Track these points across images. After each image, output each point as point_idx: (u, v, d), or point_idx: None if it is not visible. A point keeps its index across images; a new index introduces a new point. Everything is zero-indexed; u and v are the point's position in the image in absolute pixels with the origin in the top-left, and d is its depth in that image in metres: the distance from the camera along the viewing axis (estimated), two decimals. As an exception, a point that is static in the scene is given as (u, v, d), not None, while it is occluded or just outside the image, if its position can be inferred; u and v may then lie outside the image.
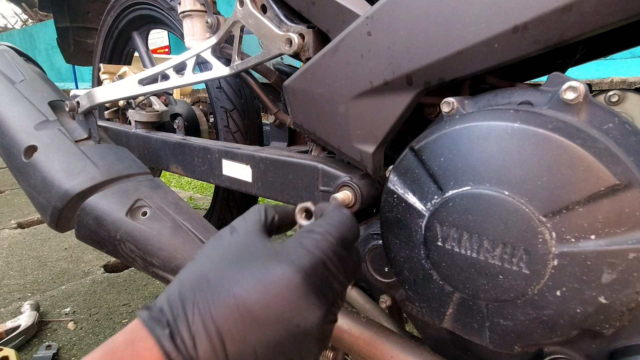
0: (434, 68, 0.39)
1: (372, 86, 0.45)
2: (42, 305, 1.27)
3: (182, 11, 0.75)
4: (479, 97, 0.40)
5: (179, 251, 0.60)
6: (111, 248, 0.64)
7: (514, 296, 0.34)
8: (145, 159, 0.96)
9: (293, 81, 0.54)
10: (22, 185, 0.73)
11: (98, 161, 0.69)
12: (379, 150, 0.48)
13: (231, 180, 0.72)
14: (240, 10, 0.58)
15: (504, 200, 0.33)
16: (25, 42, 9.05)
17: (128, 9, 1.20)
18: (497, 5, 0.34)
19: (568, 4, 0.31)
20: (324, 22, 0.51)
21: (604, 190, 0.29)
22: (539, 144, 0.31)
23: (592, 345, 0.34)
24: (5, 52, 0.88)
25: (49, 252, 1.67)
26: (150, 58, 1.25)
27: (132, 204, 0.64)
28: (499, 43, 0.35)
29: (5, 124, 0.74)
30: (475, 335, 0.38)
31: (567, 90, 0.33)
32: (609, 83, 2.29)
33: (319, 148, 0.68)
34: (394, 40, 0.41)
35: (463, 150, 0.36)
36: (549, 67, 0.52)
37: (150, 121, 1.00)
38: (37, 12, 10.64)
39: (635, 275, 0.29)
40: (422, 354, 0.45)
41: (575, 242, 0.30)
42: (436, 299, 0.40)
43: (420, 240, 0.39)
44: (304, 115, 0.55)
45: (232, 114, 1.04)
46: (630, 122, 0.33)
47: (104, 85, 0.79)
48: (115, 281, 1.44)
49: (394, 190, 0.41)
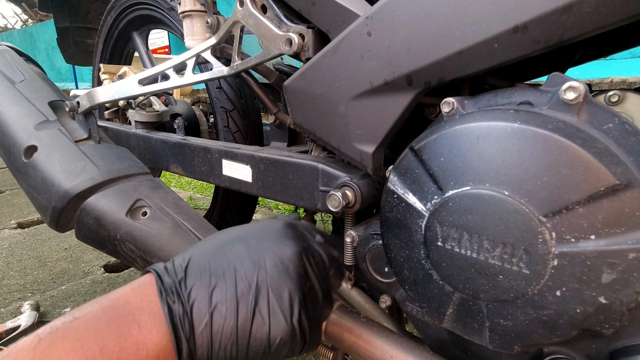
0: (434, 68, 0.39)
1: (372, 86, 0.45)
2: (42, 305, 1.27)
3: (182, 11, 0.75)
4: (479, 97, 0.40)
5: (179, 251, 0.59)
6: (111, 248, 0.64)
7: (514, 296, 0.34)
8: (145, 159, 0.96)
9: (293, 81, 0.54)
10: (22, 185, 0.73)
11: (98, 161, 0.69)
12: (379, 150, 0.48)
13: (231, 180, 0.72)
14: (240, 10, 0.58)
15: (504, 201, 0.33)
16: (25, 42, 9.05)
17: (128, 9, 1.20)
18: (497, 5, 0.34)
19: (568, 4, 0.31)
20: (324, 22, 0.51)
21: (604, 190, 0.29)
22: (539, 144, 0.31)
23: (592, 345, 0.34)
24: (5, 52, 0.88)
25: (49, 252, 1.67)
26: (150, 58, 1.25)
27: (132, 204, 0.64)
28: (499, 43, 0.35)
29: (6, 124, 0.74)
30: (475, 335, 0.38)
31: (567, 91, 0.33)
32: (609, 83, 2.29)
33: (319, 148, 0.68)
34: (394, 40, 0.41)
35: (463, 151, 0.36)
36: (549, 67, 0.52)
37: (150, 121, 1.00)
38: (37, 12, 10.64)
39: (635, 275, 0.29)
40: (422, 354, 0.45)
41: (575, 242, 0.30)
42: (436, 299, 0.40)
43: (420, 240, 0.39)
44: (304, 115, 0.55)
45: (232, 114, 1.04)
46: (630, 122, 0.33)
47: (104, 86, 0.79)
48: (115, 281, 1.44)
49: (394, 190, 0.41)
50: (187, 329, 0.30)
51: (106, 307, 0.30)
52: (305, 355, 1.08)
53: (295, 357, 1.08)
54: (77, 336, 0.27)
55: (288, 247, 0.35)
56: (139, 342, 0.28)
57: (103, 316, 0.29)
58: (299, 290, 0.34)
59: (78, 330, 0.27)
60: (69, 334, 0.27)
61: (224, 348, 0.32)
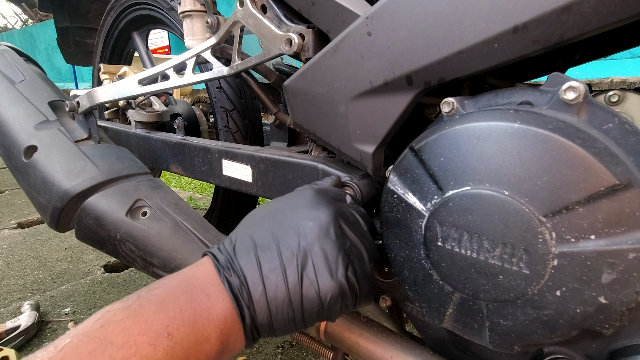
0: (434, 68, 0.39)
1: (372, 86, 0.45)
2: (42, 305, 1.27)
3: (182, 11, 0.75)
4: (479, 97, 0.40)
5: (179, 251, 0.60)
6: (111, 248, 0.64)
7: (514, 296, 0.34)
8: (145, 159, 0.96)
9: (293, 81, 0.54)
10: (22, 185, 0.73)
11: (98, 161, 0.69)
12: (379, 150, 0.48)
13: (231, 180, 0.72)
14: (240, 10, 0.58)
15: (504, 201, 0.33)
16: (25, 42, 9.05)
17: (128, 9, 1.20)
18: (497, 5, 0.34)
19: (568, 4, 0.31)
20: (324, 22, 0.51)
21: (603, 190, 0.29)
22: (539, 144, 0.31)
23: (592, 345, 0.34)
24: (5, 52, 0.88)
25: (49, 252, 1.67)
26: (150, 58, 1.25)
27: (132, 204, 0.64)
28: (499, 43, 0.35)
29: (6, 124, 0.74)
30: (475, 335, 0.38)
31: (567, 91, 0.33)
32: (609, 83, 2.29)
33: (319, 148, 0.68)
34: (394, 40, 0.41)
35: (463, 151, 0.36)
36: (549, 67, 0.52)
37: (150, 121, 1.00)
38: (37, 12, 10.64)
39: (635, 275, 0.29)
40: (422, 354, 0.45)
41: (575, 242, 0.30)
42: (436, 299, 0.40)
43: (420, 240, 0.39)
44: (304, 115, 0.55)
45: (232, 114, 1.04)
46: (630, 122, 0.33)
47: (104, 86, 0.79)
48: (115, 281, 1.44)
49: (394, 190, 0.41)
50: (246, 298, 0.34)
51: (179, 280, 0.35)
52: (305, 355, 1.08)
53: (294, 358, 1.08)
54: (160, 300, 0.32)
55: (322, 212, 0.38)
56: (209, 308, 0.33)
57: (178, 287, 0.34)
58: (340, 249, 0.37)
59: (159, 296, 0.33)
60: (154, 298, 0.32)
61: (281, 311, 0.35)
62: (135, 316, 0.30)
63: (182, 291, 0.33)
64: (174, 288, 0.34)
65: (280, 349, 1.11)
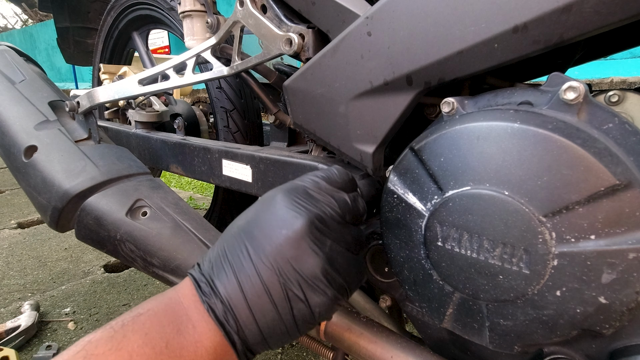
0: (434, 68, 0.39)
1: (372, 86, 0.45)
2: (42, 305, 1.27)
3: (182, 11, 0.75)
4: (479, 97, 0.40)
5: (179, 251, 0.60)
6: (111, 248, 0.64)
7: (514, 296, 0.34)
8: (145, 159, 0.96)
9: (293, 81, 0.54)
10: (22, 185, 0.73)
11: (98, 161, 0.69)
12: (379, 150, 0.48)
13: (231, 180, 0.72)
14: (240, 10, 0.58)
15: (504, 201, 0.33)
16: (25, 42, 9.05)
17: (128, 9, 1.20)
18: (497, 5, 0.34)
19: (568, 4, 0.31)
20: (324, 22, 0.51)
21: (603, 190, 0.29)
22: (539, 144, 0.31)
23: (592, 345, 0.34)
24: (5, 52, 0.88)
25: (49, 252, 1.67)
26: (150, 58, 1.25)
27: (132, 204, 0.64)
28: (499, 43, 0.35)
29: (6, 124, 0.74)
30: (475, 335, 0.38)
31: (567, 91, 0.33)
32: (609, 83, 2.29)
33: (319, 148, 0.68)
34: (394, 40, 0.41)
35: (463, 151, 0.36)
36: (549, 67, 0.52)
37: (150, 121, 1.00)
38: (37, 12, 10.64)
39: (635, 275, 0.29)
40: (422, 354, 0.45)
41: (575, 242, 0.30)
42: (436, 299, 0.40)
43: (420, 240, 0.39)
44: (304, 115, 0.55)
45: (232, 114, 1.04)
46: (630, 122, 0.33)
47: (104, 86, 0.79)
48: (115, 281, 1.44)
49: (394, 190, 0.41)
50: (232, 324, 0.33)
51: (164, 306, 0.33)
52: (305, 355, 1.08)
53: (294, 358, 1.08)
54: (145, 331, 0.30)
55: (295, 218, 0.35)
56: (197, 341, 0.32)
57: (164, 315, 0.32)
58: (319, 254, 0.34)
59: (145, 325, 0.31)
60: (138, 328, 0.30)
61: (273, 328, 0.34)
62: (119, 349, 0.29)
63: (168, 321, 0.32)
64: (160, 316, 0.32)
65: (280, 349, 1.11)
